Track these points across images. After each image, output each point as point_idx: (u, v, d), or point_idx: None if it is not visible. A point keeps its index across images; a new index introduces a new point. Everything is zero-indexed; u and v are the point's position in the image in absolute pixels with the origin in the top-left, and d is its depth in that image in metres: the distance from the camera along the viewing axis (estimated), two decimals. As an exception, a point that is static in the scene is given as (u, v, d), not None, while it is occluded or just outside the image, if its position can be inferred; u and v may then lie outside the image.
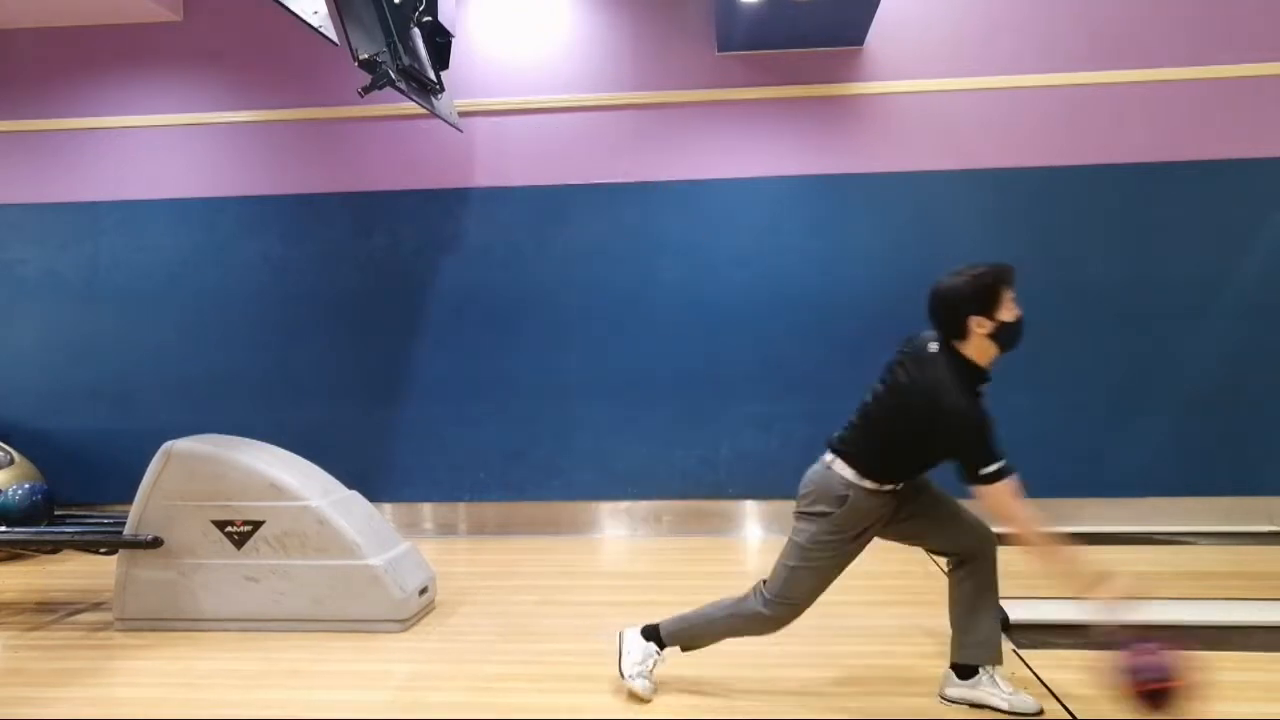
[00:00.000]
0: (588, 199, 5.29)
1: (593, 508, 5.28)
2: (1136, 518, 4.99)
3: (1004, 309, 2.50)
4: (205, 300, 5.46)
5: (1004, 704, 2.64)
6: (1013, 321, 2.52)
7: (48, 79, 5.57)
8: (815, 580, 2.64)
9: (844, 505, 2.57)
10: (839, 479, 2.59)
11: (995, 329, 2.51)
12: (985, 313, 2.49)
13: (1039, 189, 5.08)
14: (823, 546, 2.59)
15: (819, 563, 2.61)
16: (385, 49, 3.96)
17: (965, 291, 2.51)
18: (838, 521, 2.58)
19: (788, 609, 2.66)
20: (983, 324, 2.50)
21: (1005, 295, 2.50)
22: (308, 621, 3.50)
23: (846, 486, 2.58)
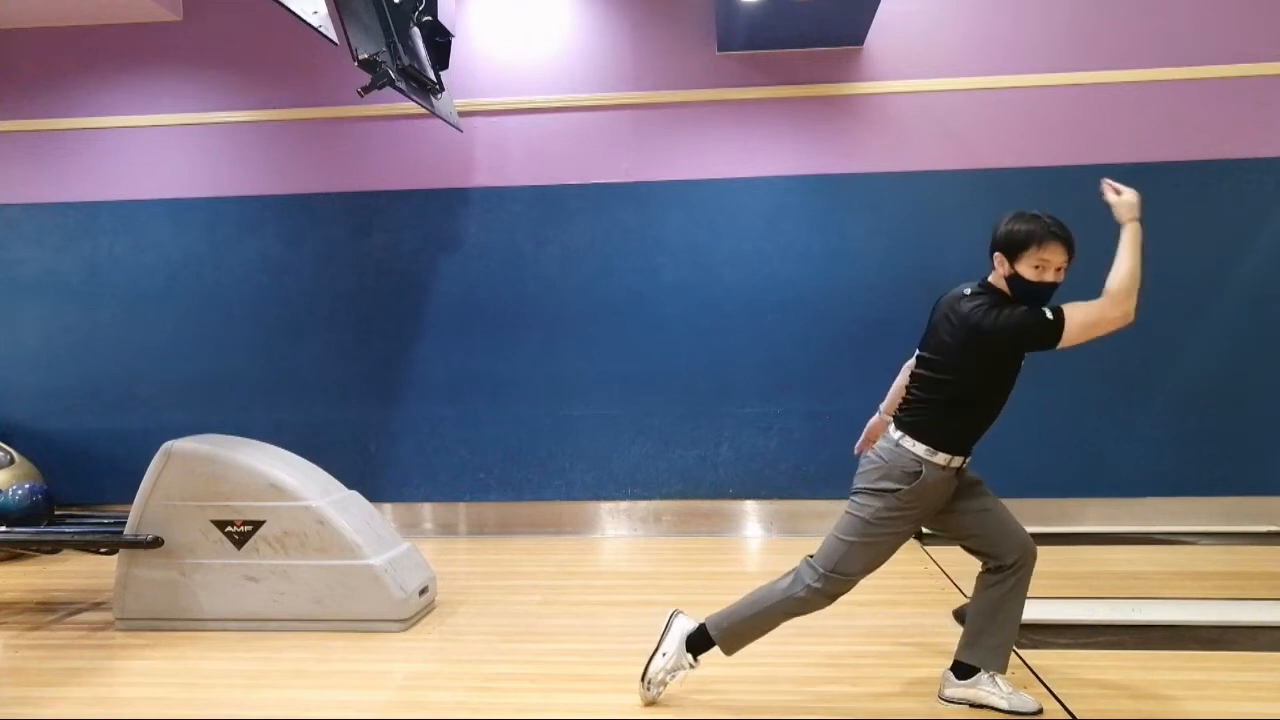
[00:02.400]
0: (588, 199, 5.29)
1: (593, 508, 5.28)
2: (1136, 518, 4.99)
3: (1025, 263, 2.50)
4: (205, 300, 5.46)
5: (1004, 703, 2.63)
6: (1029, 280, 2.50)
7: (48, 79, 5.57)
8: (871, 556, 2.63)
9: (915, 481, 2.55)
10: (910, 455, 2.57)
11: (1010, 276, 2.53)
12: (1008, 255, 2.53)
13: (1039, 189, 5.07)
14: (885, 523, 2.58)
15: (879, 539, 2.61)
16: (385, 49, 3.96)
17: (1002, 228, 2.58)
18: (906, 498, 2.56)
19: (842, 583, 2.65)
20: (1003, 263, 2.54)
21: (1033, 251, 2.49)
22: (308, 621, 3.50)
23: (918, 463, 2.56)
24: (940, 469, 2.57)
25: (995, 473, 5.10)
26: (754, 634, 2.73)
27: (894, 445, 2.62)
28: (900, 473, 2.57)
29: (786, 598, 2.68)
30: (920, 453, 2.56)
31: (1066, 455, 5.04)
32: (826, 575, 2.64)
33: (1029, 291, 2.51)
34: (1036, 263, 2.49)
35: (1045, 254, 2.49)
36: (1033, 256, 2.49)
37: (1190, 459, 5.00)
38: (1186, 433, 5.00)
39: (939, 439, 2.57)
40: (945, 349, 2.59)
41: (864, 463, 2.69)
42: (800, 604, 2.68)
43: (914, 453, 2.57)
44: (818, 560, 2.69)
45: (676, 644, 2.74)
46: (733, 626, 2.72)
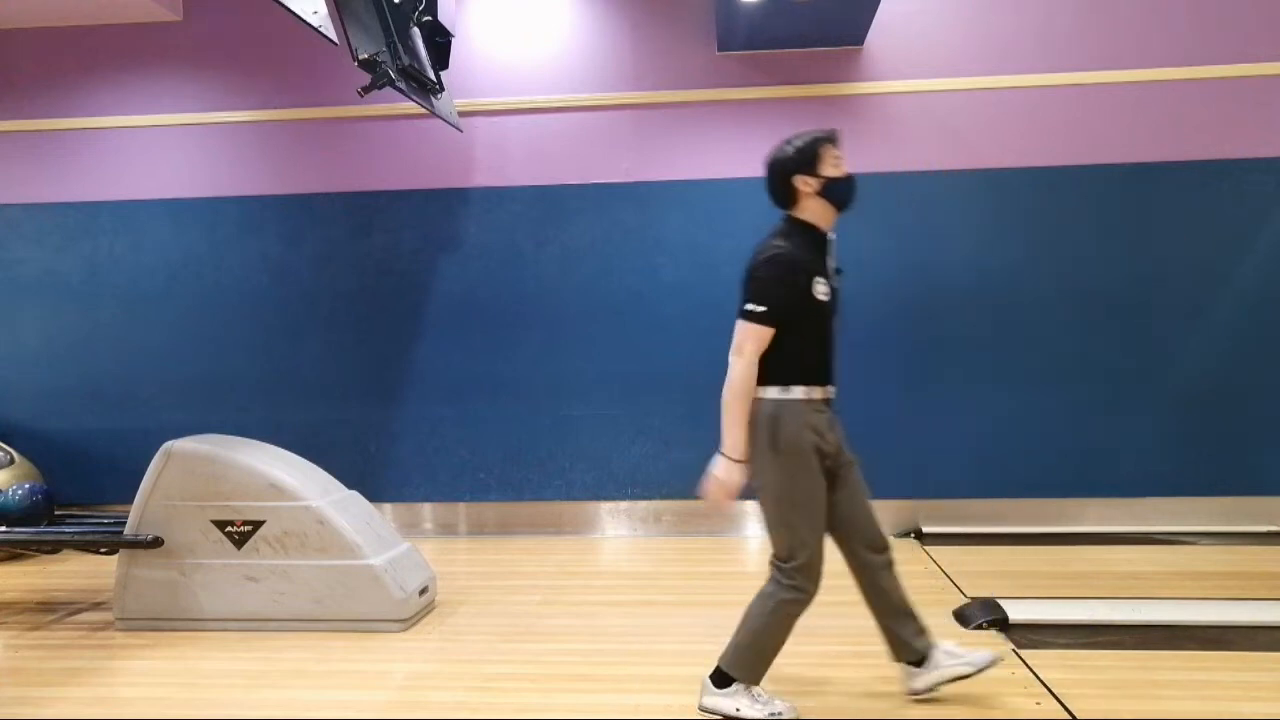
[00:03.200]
0: (588, 199, 5.29)
1: (593, 508, 5.28)
2: (1136, 518, 4.99)
3: (828, 166, 2.58)
4: (205, 300, 5.46)
5: (969, 668, 2.67)
6: (840, 177, 2.60)
7: (48, 79, 5.57)
8: (808, 519, 2.60)
9: (780, 425, 2.53)
10: (765, 402, 2.56)
11: (822, 185, 2.59)
12: (809, 171, 2.58)
13: (1039, 189, 5.08)
14: (792, 482, 2.55)
15: (800, 500, 2.58)
16: (385, 49, 3.96)
17: (788, 154, 2.61)
18: (785, 446, 2.54)
19: (807, 563, 2.61)
20: (808, 183, 2.59)
21: (828, 153, 2.59)
22: (308, 621, 3.50)
23: (774, 406, 2.55)
24: (800, 403, 2.55)
25: (996, 472, 5.16)
26: (770, 651, 2.66)
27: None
28: (765, 425, 2.55)
29: (777, 604, 2.64)
30: (771, 395, 2.55)
31: (1066, 455, 5.04)
32: (790, 565, 2.62)
33: (845, 187, 2.62)
34: (834, 160, 2.60)
35: (835, 150, 2.62)
36: (830, 156, 2.60)
37: (1190, 459, 5.00)
38: (1186, 433, 5.00)
39: (779, 377, 2.55)
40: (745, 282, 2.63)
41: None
42: (792, 603, 2.63)
43: (767, 397, 2.56)
44: (774, 557, 2.67)
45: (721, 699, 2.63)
46: (745, 654, 2.64)
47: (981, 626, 3.37)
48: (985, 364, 5.09)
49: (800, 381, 2.56)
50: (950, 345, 5.12)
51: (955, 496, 5.08)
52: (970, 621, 3.43)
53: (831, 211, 2.65)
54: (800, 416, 2.55)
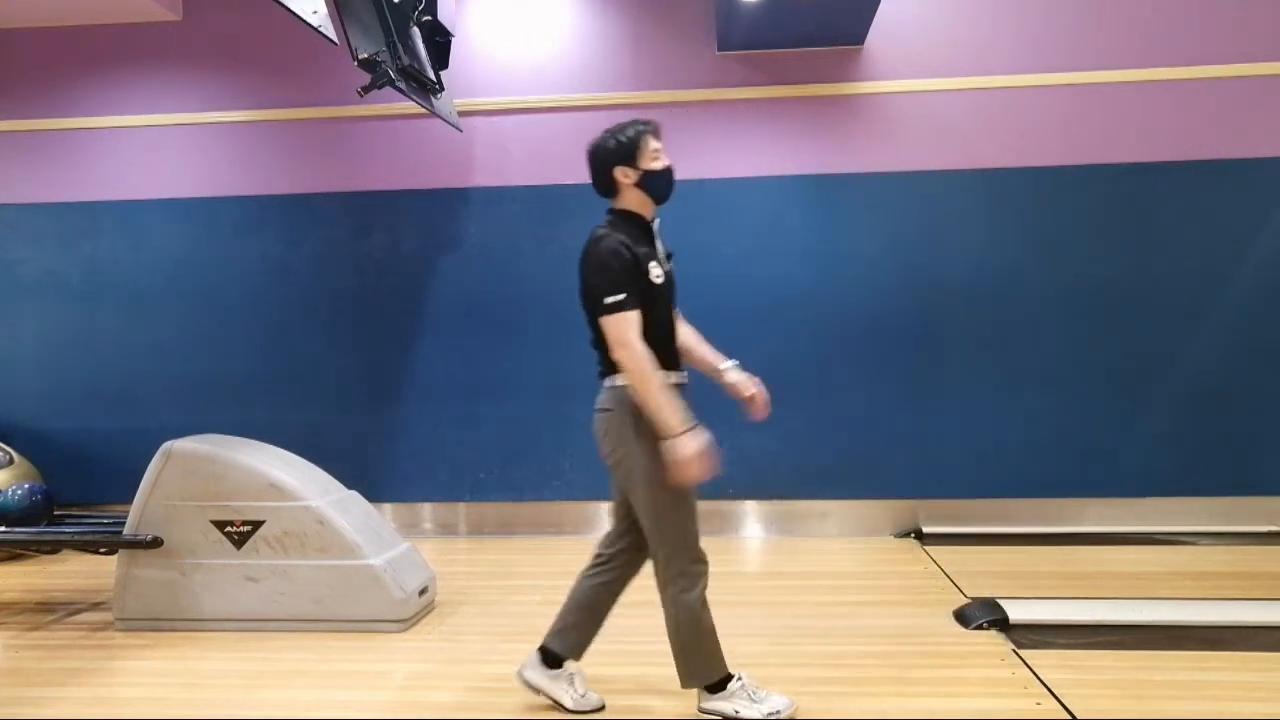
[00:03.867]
0: (588, 199, 5.22)
1: (593, 508, 5.28)
2: (1136, 518, 4.99)
3: (647, 158, 2.59)
4: (205, 300, 5.46)
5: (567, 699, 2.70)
6: (659, 170, 2.62)
7: (48, 79, 5.57)
8: (681, 506, 2.57)
9: (640, 411, 2.51)
10: (622, 389, 2.55)
11: (640, 177, 2.60)
12: (628, 163, 2.59)
13: (1039, 189, 5.08)
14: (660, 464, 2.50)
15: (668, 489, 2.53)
16: (385, 49, 3.95)
17: (609, 146, 2.62)
18: (647, 430, 2.51)
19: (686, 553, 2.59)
20: (628, 174, 2.61)
21: (648, 145, 2.60)
22: (308, 621, 3.50)
23: (631, 392, 2.53)
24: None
25: (996, 472, 5.16)
26: (709, 646, 2.63)
27: (609, 392, 2.61)
28: (625, 411, 2.55)
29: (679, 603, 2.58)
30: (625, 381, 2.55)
31: (1067, 455, 5.04)
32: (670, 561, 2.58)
33: (662, 180, 2.64)
34: (654, 154, 2.61)
35: (655, 143, 2.63)
36: (650, 150, 2.61)
37: (1190, 459, 5.00)
38: (1186, 433, 5.00)
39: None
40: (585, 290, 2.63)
41: (597, 435, 2.65)
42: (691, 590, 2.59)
43: (618, 387, 2.57)
44: (654, 555, 2.63)
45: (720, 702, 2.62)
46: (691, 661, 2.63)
47: (981, 626, 3.37)
48: (985, 364, 5.09)
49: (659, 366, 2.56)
50: (950, 345, 5.12)
51: (955, 496, 5.08)
52: (970, 621, 3.42)
53: (650, 202, 2.67)
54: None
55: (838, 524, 5.13)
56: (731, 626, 3.49)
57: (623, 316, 2.48)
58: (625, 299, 2.48)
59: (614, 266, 2.50)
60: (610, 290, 2.48)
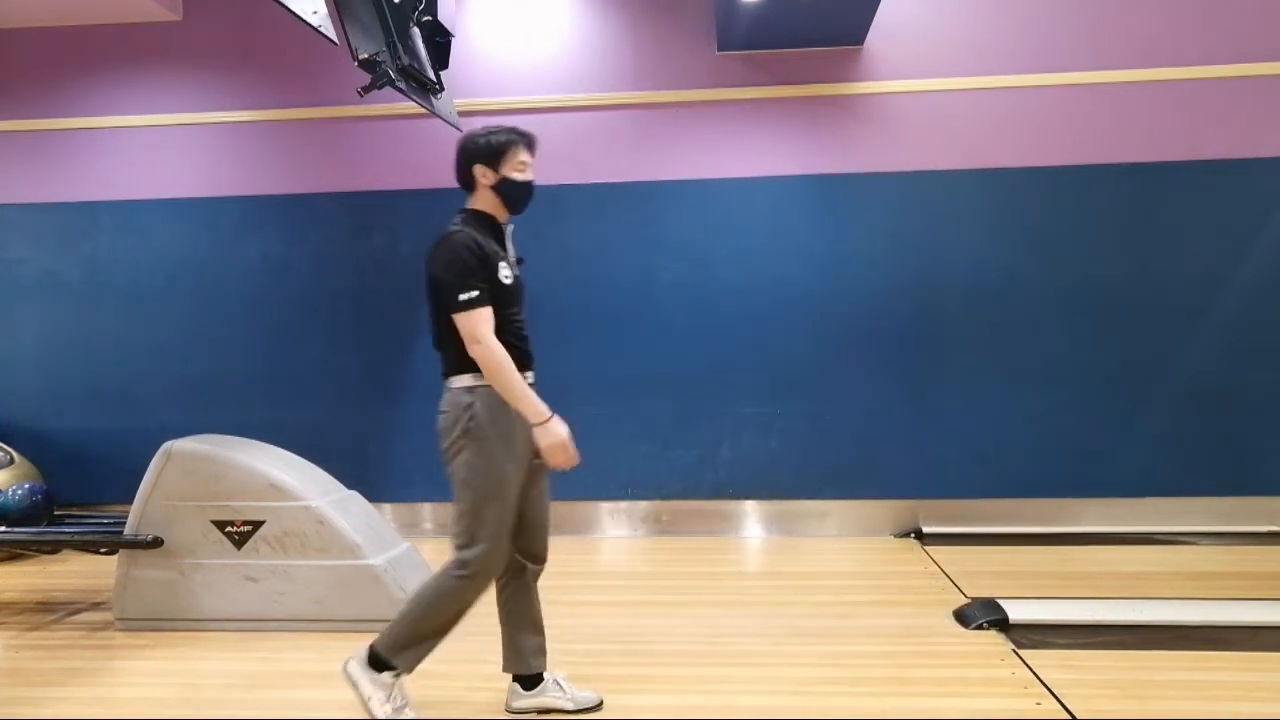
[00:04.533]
0: (588, 199, 5.29)
1: (593, 508, 5.28)
2: (1136, 518, 4.99)
3: (510, 166, 2.62)
4: (205, 300, 5.46)
5: (570, 704, 2.72)
6: (518, 180, 2.64)
7: (48, 79, 5.57)
8: (494, 511, 2.53)
9: (475, 412, 2.52)
10: (460, 391, 2.55)
11: (498, 181, 2.63)
12: (490, 164, 2.62)
13: (1039, 189, 5.08)
14: (482, 466, 2.51)
15: (486, 486, 2.52)
16: (385, 49, 3.95)
17: (477, 143, 2.63)
18: (480, 431, 2.52)
19: (482, 555, 2.54)
20: (486, 174, 2.63)
21: (515, 154, 2.62)
22: (308, 621, 3.50)
23: (469, 393, 2.54)
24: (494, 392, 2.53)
25: (996, 472, 5.16)
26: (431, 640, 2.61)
27: (447, 394, 2.60)
28: (459, 411, 2.54)
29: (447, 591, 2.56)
30: (467, 383, 2.56)
31: (1067, 455, 5.04)
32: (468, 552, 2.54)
33: (518, 192, 2.65)
34: (519, 165, 2.64)
35: (523, 155, 2.65)
36: (515, 160, 2.63)
37: (1190, 459, 5.00)
38: (1186, 433, 5.00)
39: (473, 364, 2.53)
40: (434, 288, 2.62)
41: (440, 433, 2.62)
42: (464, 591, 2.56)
43: (461, 387, 2.56)
44: (454, 540, 2.58)
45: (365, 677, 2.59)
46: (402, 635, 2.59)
47: (982, 626, 3.37)
48: (985, 364, 5.09)
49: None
50: (950, 345, 5.12)
51: (955, 496, 5.08)
52: (970, 621, 3.43)
53: (504, 208, 2.68)
54: (496, 404, 2.54)
55: (838, 524, 5.13)
56: (732, 626, 3.51)
57: (476, 313, 2.48)
58: (478, 296, 2.49)
59: (465, 262, 2.51)
60: (463, 287, 2.48)
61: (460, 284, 2.49)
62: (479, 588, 2.58)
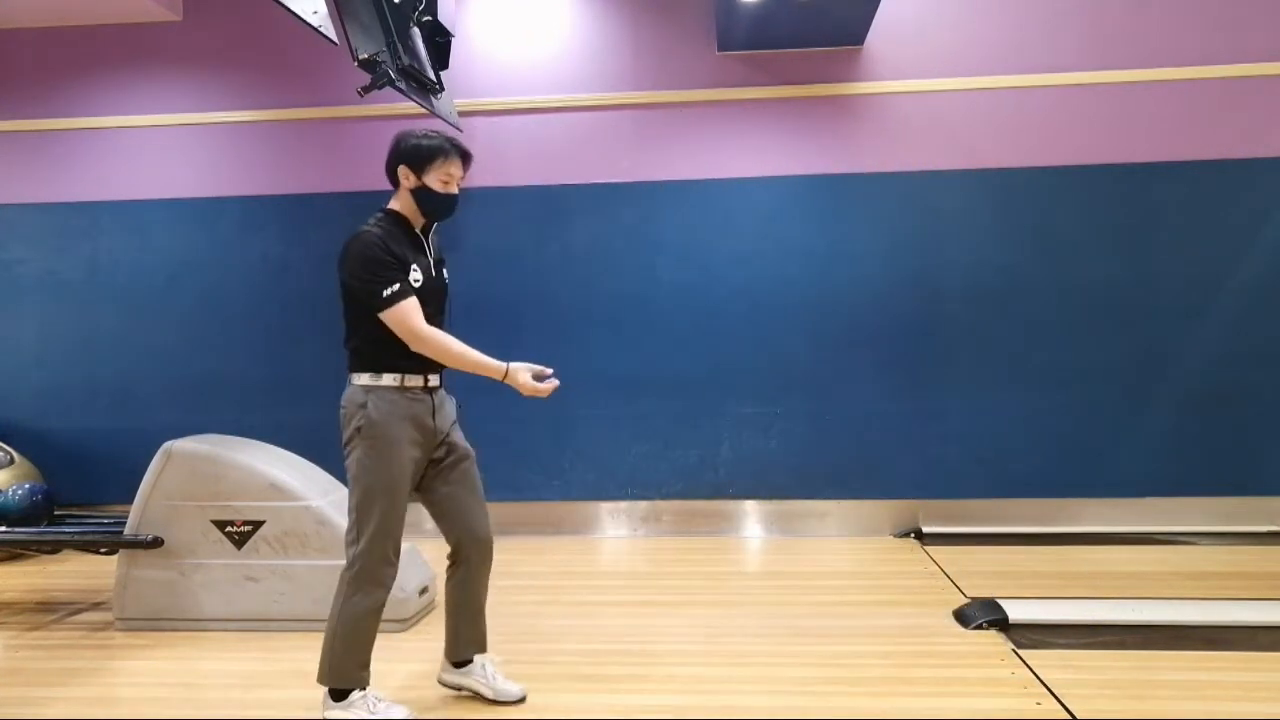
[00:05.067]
0: (588, 199, 5.29)
1: (593, 508, 5.28)
2: (1136, 518, 4.99)
3: (434, 175, 2.60)
4: (205, 300, 5.46)
5: (489, 692, 2.78)
6: (436, 191, 2.61)
7: (48, 79, 5.57)
8: (381, 513, 2.55)
9: (368, 412, 2.56)
10: (357, 390, 2.62)
11: (417, 187, 2.61)
12: (414, 167, 2.60)
13: (1039, 189, 5.08)
14: (371, 465, 2.54)
15: (373, 484, 2.55)
16: (385, 49, 3.95)
17: (407, 142, 2.61)
18: (372, 431, 2.55)
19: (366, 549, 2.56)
20: (409, 177, 2.61)
21: (441, 164, 2.60)
22: (308, 621, 3.49)
23: (366, 391, 2.60)
24: (391, 391, 2.59)
25: (996, 472, 5.16)
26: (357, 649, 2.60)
27: (347, 390, 2.68)
28: (354, 409, 2.60)
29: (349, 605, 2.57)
30: (365, 381, 2.61)
31: (1066, 455, 5.04)
32: (355, 552, 2.57)
33: (436, 202, 2.63)
34: (444, 176, 2.61)
35: (451, 168, 2.61)
36: (440, 170, 2.60)
37: (1190, 459, 5.00)
38: (1186, 433, 5.00)
39: (372, 364, 2.62)
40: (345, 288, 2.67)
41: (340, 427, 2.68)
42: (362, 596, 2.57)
43: (358, 384, 2.62)
44: (348, 548, 2.61)
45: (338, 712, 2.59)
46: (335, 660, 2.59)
47: (981, 626, 3.37)
48: (985, 364, 5.09)
49: (392, 369, 2.61)
50: (950, 345, 5.12)
51: (955, 496, 5.08)
52: (970, 621, 3.43)
53: (420, 214, 2.67)
54: (390, 405, 2.57)
55: (838, 524, 5.13)
56: (732, 626, 3.51)
57: (402, 306, 2.52)
58: (399, 289, 2.52)
59: (379, 260, 2.52)
60: (384, 283, 2.52)
61: (380, 280, 2.52)
62: (370, 581, 2.58)
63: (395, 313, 2.51)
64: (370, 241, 2.54)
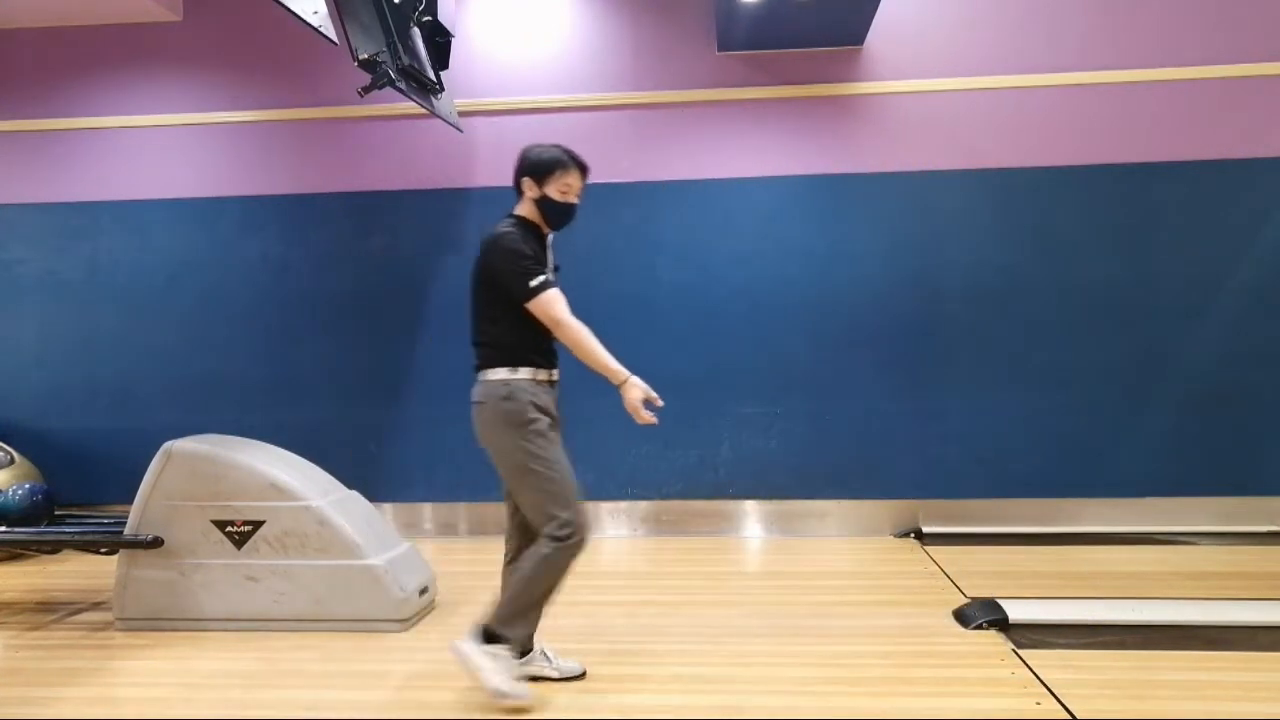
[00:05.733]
0: (587, 199, 5.24)
1: (593, 508, 5.26)
2: (1136, 518, 4.99)
3: (553, 185, 2.79)
4: (205, 300, 5.46)
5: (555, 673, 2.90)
6: (556, 200, 2.80)
7: (48, 79, 5.57)
8: (559, 479, 2.73)
9: (512, 399, 2.71)
10: (495, 383, 2.74)
11: (539, 198, 2.80)
12: (535, 178, 2.79)
13: (1039, 189, 5.08)
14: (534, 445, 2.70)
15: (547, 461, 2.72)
16: (385, 49, 3.96)
17: (529, 155, 2.83)
18: (520, 418, 2.70)
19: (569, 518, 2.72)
20: (531, 188, 2.81)
21: (560, 175, 2.79)
22: (308, 621, 3.50)
23: (505, 385, 2.74)
24: (528, 383, 2.75)
25: (995, 472, 5.16)
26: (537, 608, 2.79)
27: (481, 386, 2.78)
28: (495, 401, 2.73)
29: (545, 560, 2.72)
30: (502, 376, 2.74)
31: (1066, 455, 5.04)
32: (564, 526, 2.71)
33: (558, 210, 2.82)
34: (563, 187, 2.80)
35: (569, 179, 2.80)
36: (559, 181, 2.79)
37: (1190, 459, 5.00)
38: (1186, 433, 5.00)
39: (510, 359, 2.76)
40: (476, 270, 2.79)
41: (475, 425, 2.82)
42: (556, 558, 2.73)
43: (495, 379, 2.75)
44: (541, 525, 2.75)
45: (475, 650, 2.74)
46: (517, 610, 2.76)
47: (981, 626, 3.37)
48: (985, 364, 5.09)
49: (527, 364, 2.76)
50: (950, 345, 5.12)
51: (955, 496, 5.08)
52: (970, 621, 3.43)
53: (544, 223, 2.85)
54: (530, 394, 2.74)
55: (838, 524, 5.13)
56: (732, 626, 3.51)
57: (551, 294, 2.71)
58: (545, 280, 2.70)
59: (526, 254, 2.69)
60: (530, 274, 2.68)
61: (526, 272, 2.67)
62: (581, 542, 2.75)
63: (542, 300, 2.67)
64: (517, 238, 2.71)
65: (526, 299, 2.68)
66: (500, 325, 2.76)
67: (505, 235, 2.72)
